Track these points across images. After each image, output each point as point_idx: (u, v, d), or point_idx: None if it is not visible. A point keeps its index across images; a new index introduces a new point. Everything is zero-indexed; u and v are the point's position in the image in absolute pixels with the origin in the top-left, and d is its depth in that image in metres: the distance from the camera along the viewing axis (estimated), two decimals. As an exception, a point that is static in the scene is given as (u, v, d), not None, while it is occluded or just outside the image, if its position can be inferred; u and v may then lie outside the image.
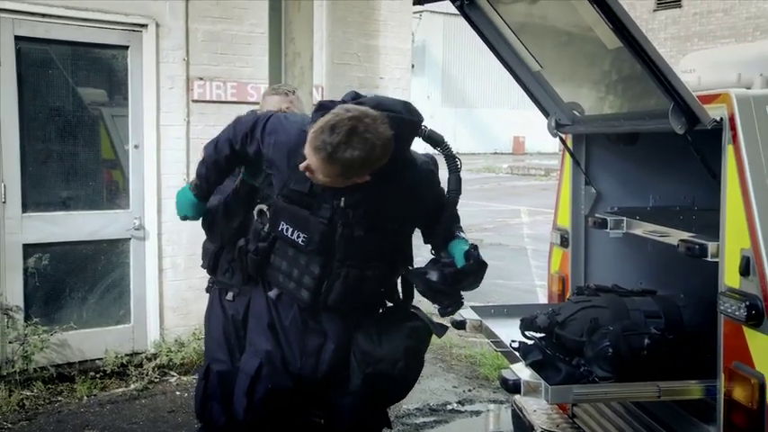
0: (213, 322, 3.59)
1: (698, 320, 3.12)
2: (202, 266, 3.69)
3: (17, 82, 5.32)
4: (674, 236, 3.03)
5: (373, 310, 2.91)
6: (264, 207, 2.89)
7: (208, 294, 3.70)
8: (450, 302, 2.73)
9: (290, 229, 2.70)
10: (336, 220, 2.61)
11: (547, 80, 3.88)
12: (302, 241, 2.67)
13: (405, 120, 2.49)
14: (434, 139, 2.81)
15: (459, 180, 2.85)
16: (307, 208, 2.65)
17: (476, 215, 16.45)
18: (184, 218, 3.17)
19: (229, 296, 3.53)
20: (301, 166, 2.44)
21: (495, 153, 41.11)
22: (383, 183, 2.55)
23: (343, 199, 2.59)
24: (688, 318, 3.15)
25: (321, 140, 2.32)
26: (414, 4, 7.63)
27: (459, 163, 2.86)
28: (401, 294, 2.97)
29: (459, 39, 38.51)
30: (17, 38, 5.29)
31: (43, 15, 5.35)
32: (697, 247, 2.76)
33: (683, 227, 3.14)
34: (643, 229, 3.43)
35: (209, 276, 3.69)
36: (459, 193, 2.85)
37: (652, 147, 3.79)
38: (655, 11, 20.19)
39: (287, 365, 2.82)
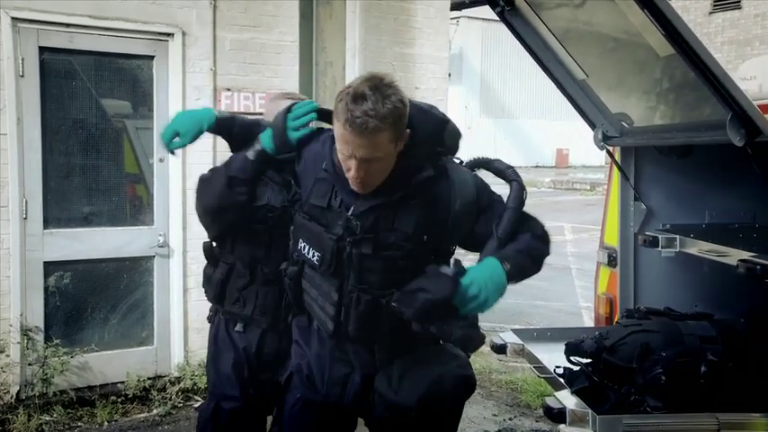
0: (221, 356, 3.44)
1: (760, 347, 3.06)
2: (206, 296, 3.54)
3: (40, 94, 5.40)
4: (733, 255, 2.98)
5: (411, 343, 2.69)
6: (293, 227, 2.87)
7: (209, 324, 3.56)
8: (445, 334, 2.55)
9: (308, 248, 2.67)
10: (346, 236, 2.55)
11: (593, 89, 3.86)
12: (317, 260, 2.63)
13: (428, 112, 2.50)
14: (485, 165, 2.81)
15: (520, 188, 2.74)
16: (324, 225, 2.63)
17: (516, 232, 16.30)
18: (171, 142, 3.07)
19: (239, 327, 3.38)
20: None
21: (537, 166, 40.91)
22: (399, 192, 2.51)
23: (352, 208, 2.55)
24: (749, 344, 3.09)
25: (344, 105, 2.34)
26: (451, 9, 7.64)
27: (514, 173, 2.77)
28: None
29: (498, 46, 38.47)
30: (41, 48, 5.38)
31: (67, 25, 5.44)
32: (759, 267, 2.71)
33: (743, 246, 3.10)
34: (698, 247, 3.38)
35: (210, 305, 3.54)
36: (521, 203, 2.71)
37: (707, 160, 3.74)
38: (711, 13, 19.90)
39: (314, 384, 2.82)
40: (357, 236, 2.53)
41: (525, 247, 2.67)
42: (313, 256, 2.64)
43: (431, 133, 2.53)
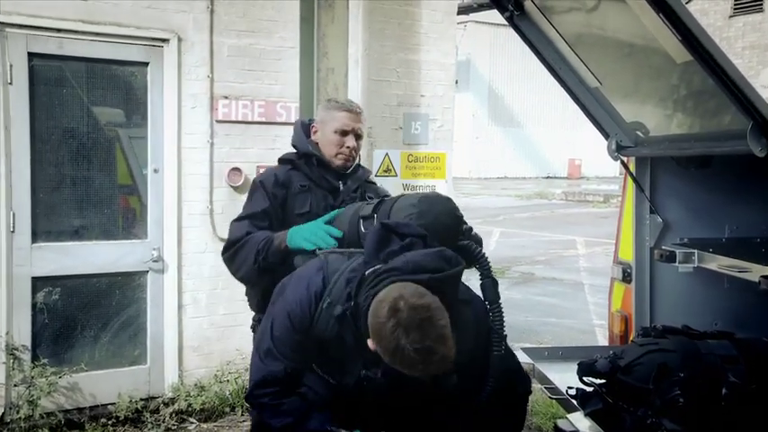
0: None
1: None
2: (249, 304, 3.61)
3: (29, 101, 5.42)
4: (755, 271, 2.97)
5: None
6: None
7: (252, 333, 3.60)
8: None
9: (320, 371, 2.76)
10: (365, 383, 2.63)
11: (606, 97, 3.86)
12: (332, 381, 2.75)
13: (447, 277, 2.43)
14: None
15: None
16: (338, 362, 2.68)
17: (526, 246, 16.35)
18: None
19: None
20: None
21: (548, 177, 40.92)
22: None
23: (373, 369, 2.59)
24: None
25: (409, 361, 2.26)
26: (458, 13, 7.65)
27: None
28: None
29: (507, 52, 38.55)
30: (30, 55, 5.40)
31: (57, 30, 5.46)
32: (781, 283, 2.70)
33: (766, 261, 3.08)
34: (718, 263, 3.37)
35: (253, 314, 3.63)
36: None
37: (727, 171, 3.74)
38: (731, 17, 19.86)
39: None
40: (381, 390, 2.63)
41: None
42: (328, 378, 2.75)
43: (454, 293, 2.53)
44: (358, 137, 3.46)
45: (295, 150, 3.57)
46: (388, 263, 2.44)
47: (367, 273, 2.43)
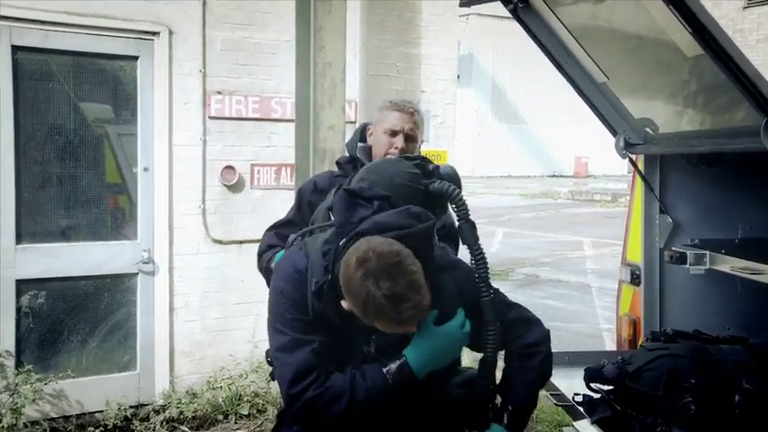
0: None
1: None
2: None
3: (13, 97, 5.41)
4: (769, 273, 2.97)
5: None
6: None
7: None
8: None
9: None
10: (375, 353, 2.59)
11: (614, 93, 3.86)
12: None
13: (416, 232, 2.40)
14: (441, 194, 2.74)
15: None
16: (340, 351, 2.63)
17: (531, 247, 16.35)
18: None
19: None
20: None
21: (554, 176, 40.94)
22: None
23: (373, 345, 2.55)
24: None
25: (385, 317, 2.26)
26: (460, 6, 7.65)
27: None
28: None
29: (511, 45, 38.55)
30: (14, 48, 5.40)
31: (43, 23, 5.45)
32: (796, 286, 2.70)
33: (780, 263, 3.08)
34: (730, 264, 3.37)
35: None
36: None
37: (740, 169, 3.74)
38: (745, 8, 19.85)
39: None
40: (372, 353, 2.57)
41: (534, 390, 2.73)
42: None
43: (427, 248, 2.48)
44: (409, 138, 3.39)
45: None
46: (357, 228, 2.43)
47: (341, 243, 2.42)
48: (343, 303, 2.35)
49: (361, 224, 2.43)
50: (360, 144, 3.48)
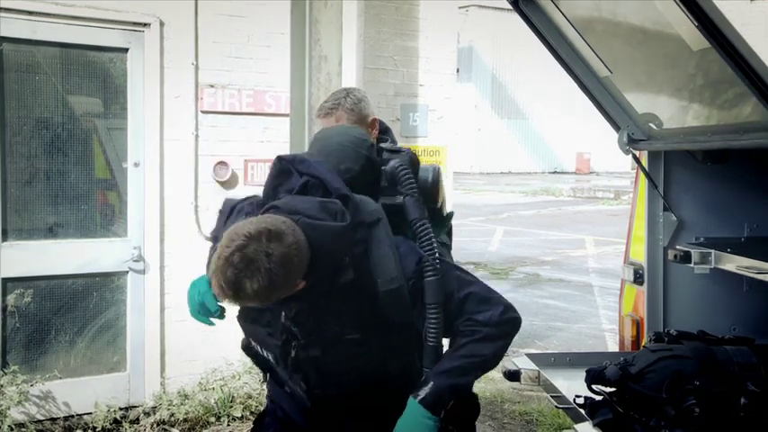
0: None
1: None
2: None
3: (-1, 90, 5.41)
4: (777, 273, 2.97)
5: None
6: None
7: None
8: None
9: (259, 347, 2.79)
10: (290, 340, 2.59)
11: (617, 87, 3.86)
12: (273, 360, 2.75)
13: (321, 226, 2.36)
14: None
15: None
16: (265, 325, 2.66)
17: (532, 246, 16.37)
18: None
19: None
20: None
21: (556, 172, 41.00)
22: (325, 289, 2.48)
23: (283, 314, 2.55)
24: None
25: (216, 281, 2.26)
26: (459, -3, 7.65)
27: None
28: None
29: (512, 39, 38.56)
30: (0, 39, 5.38)
31: (30, 13, 5.44)
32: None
33: (788, 262, 3.08)
34: (736, 264, 3.37)
35: None
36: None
37: (747, 166, 3.74)
38: (753, 0, 19.81)
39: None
40: (300, 341, 2.57)
41: (459, 366, 2.59)
42: (268, 356, 2.76)
43: (334, 245, 2.43)
44: None
45: None
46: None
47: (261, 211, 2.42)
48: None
49: (279, 198, 2.45)
50: None
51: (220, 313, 2.79)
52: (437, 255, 2.57)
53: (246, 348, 2.95)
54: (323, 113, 3.37)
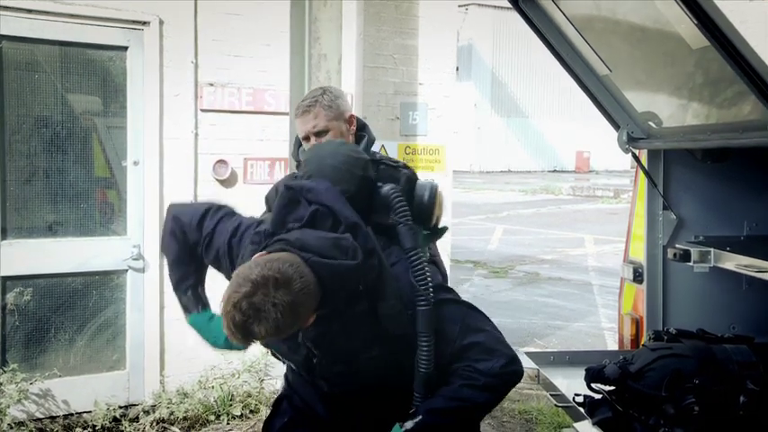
0: None
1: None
2: None
3: (-2, 88, 5.40)
4: (775, 271, 2.97)
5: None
6: None
7: None
8: None
9: (279, 356, 2.83)
10: (312, 358, 2.63)
11: (617, 86, 3.86)
12: (294, 366, 2.81)
13: (333, 266, 2.34)
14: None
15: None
16: (284, 341, 2.66)
17: (532, 244, 16.37)
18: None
19: None
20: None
21: (555, 171, 40.98)
22: (338, 314, 2.48)
23: (300, 334, 2.58)
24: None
25: (226, 324, 2.26)
26: (459, -4, 7.64)
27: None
28: None
29: (512, 37, 38.56)
30: (-1, 37, 5.39)
31: (29, 11, 5.44)
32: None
33: (787, 260, 3.09)
34: (736, 262, 3.37)
35: None
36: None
37: (746, 164, 3.74)
38: (754, -3, 19.91)
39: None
40: (322, 361, 2.61)
41: (452, 409, 2.59)
42: (289, 363, 2.82)
43: (342, 286, 2.41)
44: (319, 134, 3.28)
45: None
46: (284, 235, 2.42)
47: (264, 245, 2.40)
48: None
49: (290, 232, 2.42)
50: (300, 148, 3.46)
51: None
52: (430, 287, 2.56)
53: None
54: (300, 111, 3.34)
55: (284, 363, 2.96)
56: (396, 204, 2.67)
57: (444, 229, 3.01)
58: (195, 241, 2.86)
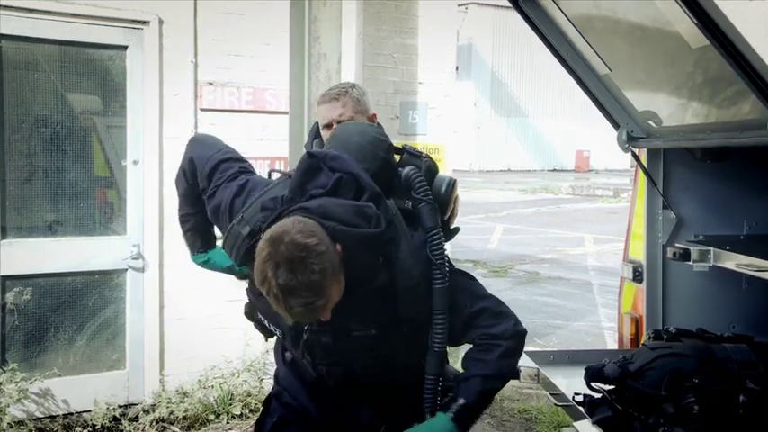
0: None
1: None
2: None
3: (-2, 87, 5.40)
4: (775, 271, 2.97)
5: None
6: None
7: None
8: None
9: (267, 321, 2.78)
10: (302, 324, 2.59)
11: (617, 85, 3.86)
12: (279, 335, 2.76)
13: (357, 234, 2.35)
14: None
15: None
16: None
17: (531, 243, 16.37)
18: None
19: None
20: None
21: (555, 170, 40.98)
22: (354, 285, 2.44)
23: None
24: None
25: (265, 290, 2.27)
26: (459, -5, 7.65)
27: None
28: None
29: (511, 36, 38.56)
30: (-1, 36, 5.39)
31: (29, 10, 5.43)
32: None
33: (787, 260, 3.09)
34: (735, 261, 3.37)
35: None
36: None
37: (746, 164, 3.74)
38: (754, -3, 19.91)
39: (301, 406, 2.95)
40: (313, 327, 2.57)
41: (489, 389, 2.66)
42: (275, 330, 2.75)
43: (365, 253, 2.43)
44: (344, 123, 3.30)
45: None
46: (305, 202, 2.40)
47: (283, 211, 2.38)
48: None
49: (310, 199, 2.40)
50: (315, 140, 3.47)
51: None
52: (447, 265, 2.58)
53: (249, 314, 2.97)
54: (328, 98, 3.37)
55: (270, 334, 2.94)
56: (417, 184, 2.68)
57: (456, 230, 3.02)
58: (203, 188, 2.89)
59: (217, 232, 3.10)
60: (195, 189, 2.96)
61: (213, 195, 2.81)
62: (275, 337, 2.96)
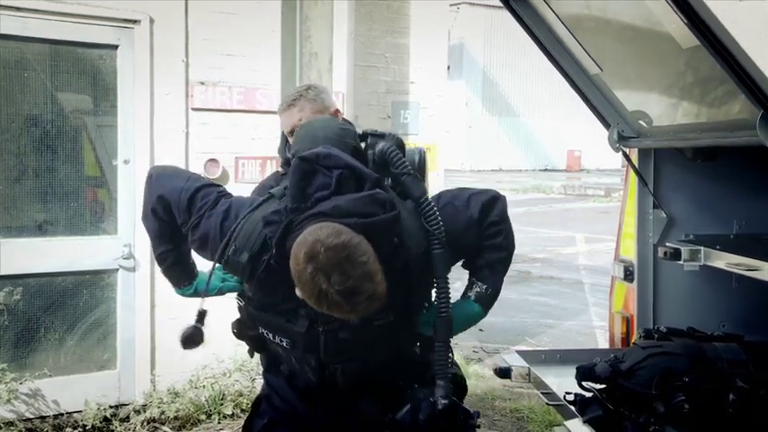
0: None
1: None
2: None
3: (-12, 86, 5.38)
4: (765, 270, 2.98)
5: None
6: (239, 302, 3.01)
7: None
8: None
9: (271, 334, 2.77)
10: (317, 326, 2.60)
11: (607, 85, 3.87)
12: (287, 345, 2.73)
13: (378, 223, 2.38)
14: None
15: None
16: (282, 314, 2.66)
17: (523, 243, 16.30)
18: None
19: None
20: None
21: (546, 170, 41.03)
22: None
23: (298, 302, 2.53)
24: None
25: (318, 290, 2.25)
26: (450, -5, 7.66)
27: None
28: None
29: (503, 36, 38.60)
30: (-11, 35, 5.37)
31: (19, 9, 5.41)
32: (792, 283, 2.72)
33: (777, 259, 3.10)
34: (725, 261, 3.38)
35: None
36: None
37: (736, 163, 3.76)
38: None
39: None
40: (333, 324, 2.57)
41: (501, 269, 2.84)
42: (281, 342, 2.73)
43: (385, 237, 2.45)
44: None
45: None
46: (315, 207, 2.39)
47: (296, 221, 2.37)
48: (297, 291, 2.34)
49: (318, 205, 2.39)
50: (287, 146, 3.45)
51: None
52: (443, 230, 2.59)
53: (237, 333, 3.09)
54: (285, 106, 3.33)
55: (255, 347, 3.04)
56: (394, 158, 2.69)
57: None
58: (183, 222, 2.83)
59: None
60: (171, 225, 2.89)
61: (197, 226, 2.76)
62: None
